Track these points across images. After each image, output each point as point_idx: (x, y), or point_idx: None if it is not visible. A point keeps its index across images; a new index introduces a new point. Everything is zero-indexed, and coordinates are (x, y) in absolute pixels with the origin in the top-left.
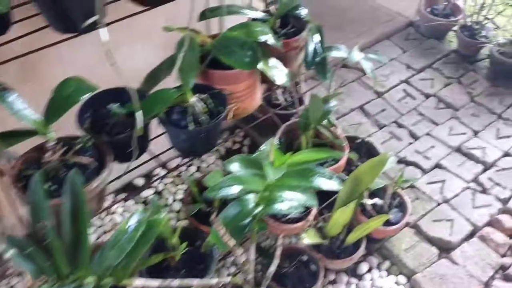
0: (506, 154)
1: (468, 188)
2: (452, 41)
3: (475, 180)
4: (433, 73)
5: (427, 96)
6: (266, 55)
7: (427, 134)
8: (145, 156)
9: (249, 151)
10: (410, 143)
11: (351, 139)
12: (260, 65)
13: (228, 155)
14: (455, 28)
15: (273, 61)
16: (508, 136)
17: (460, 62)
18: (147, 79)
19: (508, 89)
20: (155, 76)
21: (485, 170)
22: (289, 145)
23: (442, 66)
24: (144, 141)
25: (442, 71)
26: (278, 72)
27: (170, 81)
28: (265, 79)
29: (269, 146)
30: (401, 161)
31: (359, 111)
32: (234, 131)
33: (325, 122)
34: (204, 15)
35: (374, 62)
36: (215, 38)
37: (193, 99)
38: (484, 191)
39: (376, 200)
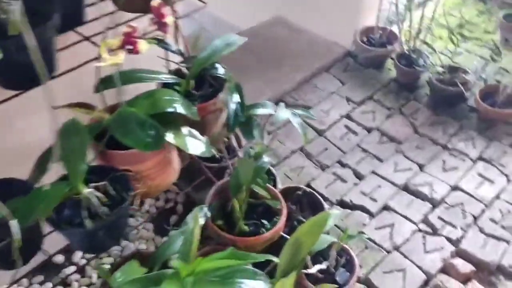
0: (454, 188)
1: (418, 230)
2: (391, 69)
3: (425, 220)
4: (374, 105)
5: (369, 130)
6: (177, 124)
7: (372, 172)
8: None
9: (184, 209)
10: (355, 184)
11: (291, 190)
12: (170, 138)
13: (159, 216)
14: (393, 56)
15: (186, 130)
16: (454, 168)
17: (400, 91)
18: (36, 166)
19: (449, 117)
20: (43, 163)
21: (433, 208)
22: (222, 206)
23: (382, 96)
24: (34, 242)
25: (383, 102)
26: (193, 142)
27: None
28: None
29: (193, 222)
30: (347, 205)
31: (300, 153)
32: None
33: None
34: (98, 87)
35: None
36: (114, 110)
37: (87, 190)
38: (435, 232)
39: (319, 266)
